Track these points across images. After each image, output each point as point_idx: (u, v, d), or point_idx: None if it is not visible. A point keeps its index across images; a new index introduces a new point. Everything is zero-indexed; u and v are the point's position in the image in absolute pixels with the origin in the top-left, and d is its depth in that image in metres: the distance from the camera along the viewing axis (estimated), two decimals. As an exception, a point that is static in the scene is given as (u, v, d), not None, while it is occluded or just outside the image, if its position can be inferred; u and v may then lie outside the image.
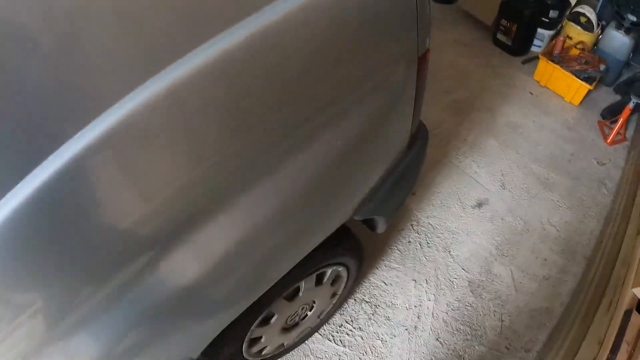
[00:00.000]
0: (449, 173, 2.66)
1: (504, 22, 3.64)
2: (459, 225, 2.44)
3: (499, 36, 3.73)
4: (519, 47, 3.69)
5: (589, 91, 3.15)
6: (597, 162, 2.87)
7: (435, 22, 4.11)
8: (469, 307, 2.19)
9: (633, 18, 3.15)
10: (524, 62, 3.64)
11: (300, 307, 1.68)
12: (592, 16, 3.41)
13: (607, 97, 3.34)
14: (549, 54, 3.40)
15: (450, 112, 3.05)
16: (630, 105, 2.91)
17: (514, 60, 3.64)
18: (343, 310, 2.12)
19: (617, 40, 3.32)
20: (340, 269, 1.69)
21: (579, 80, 3.14)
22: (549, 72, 3.32)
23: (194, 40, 0.68)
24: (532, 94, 3.31)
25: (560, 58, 3.38)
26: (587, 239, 2.48)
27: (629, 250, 2.05)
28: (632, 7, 3.14)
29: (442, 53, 3.66)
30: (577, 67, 3.25)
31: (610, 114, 3.17)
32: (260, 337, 1.55)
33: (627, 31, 3.22)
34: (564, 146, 2.92)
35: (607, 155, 2.92)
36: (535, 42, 3.74)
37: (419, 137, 1.56)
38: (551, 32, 3.67)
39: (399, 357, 2.02)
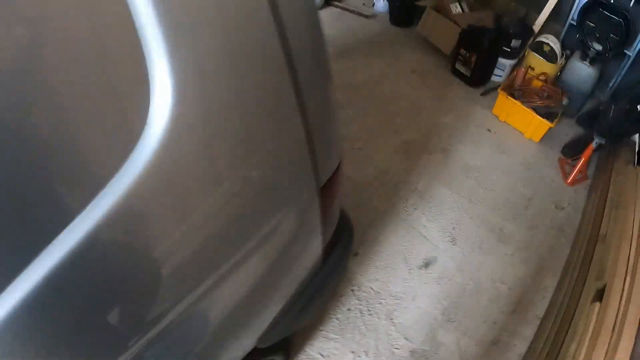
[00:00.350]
0: (396, 228, 2.55)
1: (462, 51, 3.54)
2: (404, 288, 2.33)
3: (458, 66, 3.63)
4: (478, 78, 3.60)
5: (550, 126, 3.06)
6: (555, 206, 2.77)
7: (392, 47, 4.01)
8: (410, 382, 2.08)
9: (599, 47, 3.06)
10: (483, 94, 3.55)
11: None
12: (556, 46, 3.33)
13: (569, 130, 3.26)
14: (510, 86, 3.30)
15: (400, 155, 2.94)
16: (593, 144, 2.82)
17: (472, 91, 3.55)
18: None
19: (582, 71, 3.24)
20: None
21: (539, 117, 3.04)
22: (508, 107, 3.23)
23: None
24: (489, 130, 3.21)
25: (521, 91, 3.29)
26: (541, 296, 2.39)
27: (581, 321, 1.94)
28: (597, 36, 3.06)
29: (395, 84, 3.57)
30: (538, 102, 3.17)
31: (572, 150, 3.08)
32: None
33: (592, 61, 3.14)
34: (522, 189, 2.82)
35: (567, 197, 2.83)
36: (496, 71, 3.65)
37: (337, 242, 1.42)
38: (512, 62, 3.59)
39: None
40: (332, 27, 4.39)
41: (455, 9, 3.87)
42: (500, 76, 3.66)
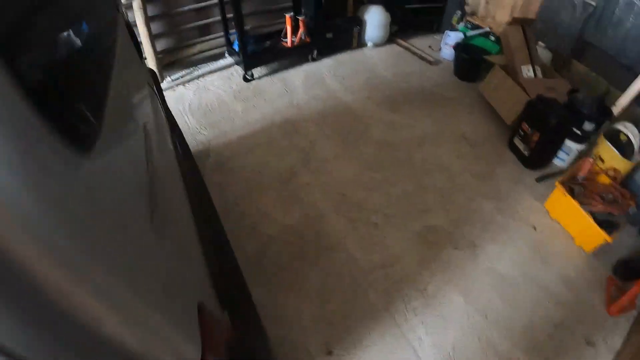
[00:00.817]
0: (385, 334, 2.30)
1: (525, 126, 3.22)
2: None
3: (516, 141, 3.30)
4: (537, 160, 3.27)
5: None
6: (586, 340, 2.42)
7: (447, 103, 3.73)
8: None
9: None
10: (538, 180, 3.21)
11: None
12: (635, 138, 2.96)
13: (630, 242, 2.88)
14: (571, 177, 2.97)
15: (418, 244, 2.68)
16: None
17: (526, 174, 3.22)
18: None
19: (659, 175, 2.86)
20: None
21: (597, 225, 2.68)
22: (562, 205, 2.89)
23: None
24: (534, 228, 2.88)
25: (583, 187, 2.94)
26: None
27: None
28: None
29: (438, 149, 3.29)
30: (600, 207, 2.82)
31: (626, 271, 2.71)
32: None
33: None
34: (552, 311, 2.49)
35: (604, 330, 2.47)
36: (560, 154, 3.30)
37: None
38: (581, 147, 3.21)
39: None
40: (389, 68, 4.16)
41: (527, 72, 3.53)
42: (564, 160, 3.30)
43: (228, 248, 1.99)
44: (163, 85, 4.27)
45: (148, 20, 3.93)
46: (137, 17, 3.85)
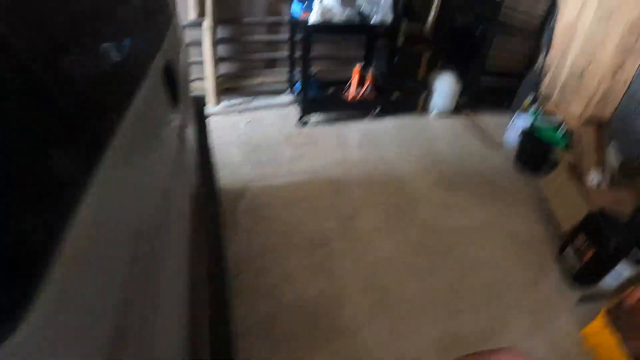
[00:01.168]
0: None
1: (580, 239, 3.07)
2: None
3: (568, 252, 3.16)
4: (586, 278, 3.10)
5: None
6: None
7: (503, 194, 3.61)
8: None
9: None
10: (581, 300, 3.04)
11: None
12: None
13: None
14: (617, 306, 2.80)
15: (440, 349, 2.57)
16: None
17: (571, 291, 3.06)
18: None
19: None
20: None
21: (635, 368, 2.53)
22: (602, 337, 2.73)
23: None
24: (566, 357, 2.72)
25: (628, 319, 2.77)
26: None
27: None
28: None
29: (485, 246, 3.18)
30: (640, 347, 2.65)
31: None
32: None
33: None
34: None
35: None
36: (611, 275, 3.12)
37: None
38: (634, 273, 3.04)
39: None
40: (450, 143, 4.09)
41: (594, 178, 3.38)
42: (612, 284, 3.13)
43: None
44: (217, 109, 4.30)
45: (215, 42, 3.97)
46: (205, 37, 3.91)
